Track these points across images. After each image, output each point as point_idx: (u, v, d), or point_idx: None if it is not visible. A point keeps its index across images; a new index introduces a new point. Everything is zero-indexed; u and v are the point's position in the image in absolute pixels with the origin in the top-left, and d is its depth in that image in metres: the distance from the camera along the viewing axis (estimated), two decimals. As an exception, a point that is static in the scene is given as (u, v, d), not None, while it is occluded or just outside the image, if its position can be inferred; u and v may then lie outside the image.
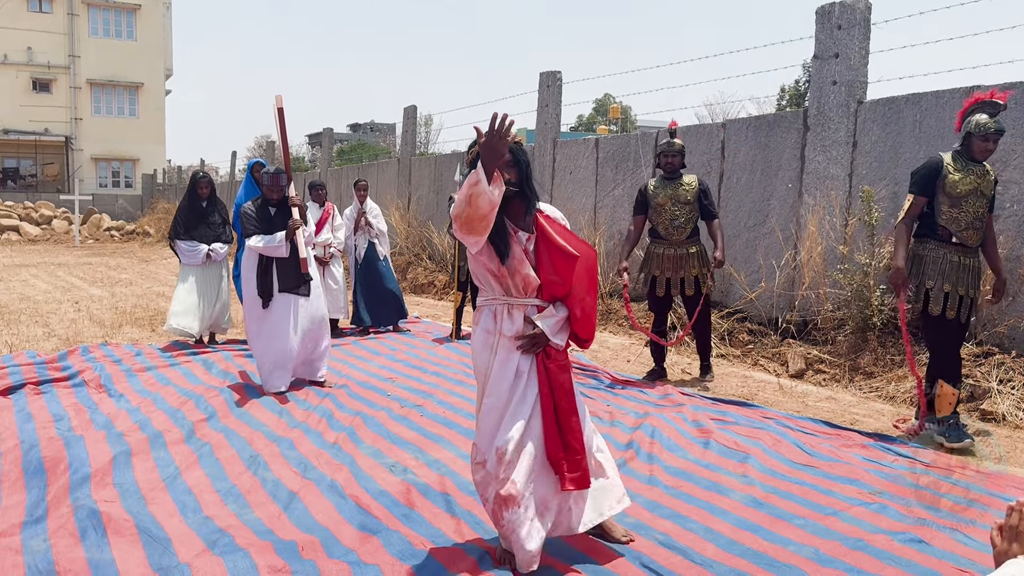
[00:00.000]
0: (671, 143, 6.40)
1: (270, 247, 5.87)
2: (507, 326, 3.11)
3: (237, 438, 4.86)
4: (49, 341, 8.09)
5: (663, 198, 6.40)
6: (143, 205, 35.38)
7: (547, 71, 11.37)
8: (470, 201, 2.83)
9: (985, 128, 4.66)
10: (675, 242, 6.43)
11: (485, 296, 3.20)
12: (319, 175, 20.06)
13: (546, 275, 3.08)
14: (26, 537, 3.36)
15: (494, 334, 3.13)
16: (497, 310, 3.14)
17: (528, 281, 3.08)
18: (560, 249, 3.06)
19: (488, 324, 3.16)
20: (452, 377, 6.56)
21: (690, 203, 6.36)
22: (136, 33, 36.89)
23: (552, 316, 3.12)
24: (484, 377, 3.14)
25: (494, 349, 3.12)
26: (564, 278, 3.08)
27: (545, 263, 3.08)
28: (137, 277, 15.36)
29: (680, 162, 6.41)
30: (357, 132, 65.70)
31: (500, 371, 3.08)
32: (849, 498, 3.90)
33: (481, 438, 3.10)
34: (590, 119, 52.11)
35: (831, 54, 7.40)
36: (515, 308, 3.12)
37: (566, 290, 3.10)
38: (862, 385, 6.31)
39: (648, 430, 4.94)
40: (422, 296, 12.70)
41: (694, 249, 6.43)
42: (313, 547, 3.30)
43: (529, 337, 3.09)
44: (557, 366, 3.11)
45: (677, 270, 6.42)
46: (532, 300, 3.12)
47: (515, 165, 3.06)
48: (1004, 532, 1.67)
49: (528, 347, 3.09)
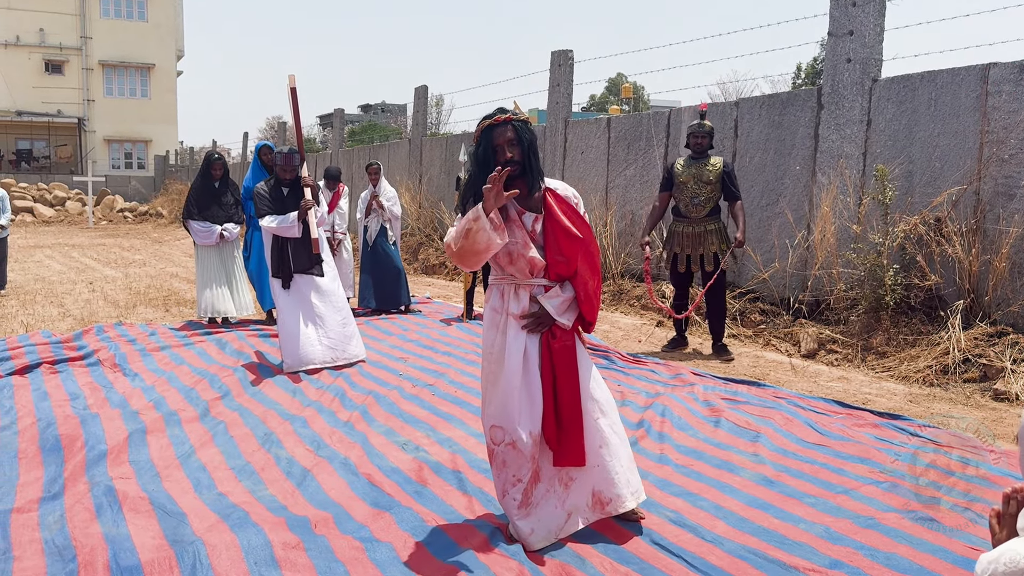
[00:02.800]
0: (701, 124, 6.64)
1: (283, 227, 5.89)
2: (513, 305, 3.14)
3: (251, 416, 4.90)
4: (64, 321, 8.15)
5: (686, 176, 6.66)
6: (156, 186, 35.54)
7: (559, 50, 11.29)
8: (467, 235, 2.89)
9: None
10: (694, 219, 6.66)
11: (495, 275, 3.22)
12: (331, 156, 20.05)
13: (552, 255, 3.09)
14: (43, 513, 3.41)
15: (501, 313, 3.16)
16: (504, 289, 3.17)
17: (533, 263, 3.10)
18: (565, 230, 3.07)
19: (496, 303, 3.19)
20: (463, 357, 6.58)
21: (712, 183, 6.59)
22: (148, 14, 36.91)
23: (558, 296, 3.13)
24: (491, 355, 3.17)
25: (501, 328, 3.15)
26: (569, 258, 3.09)
27: (551, 244, 3.09)
28: (150, 258, 15.45)
29: (708, 143, 6.66)
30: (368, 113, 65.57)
31: (509, 350, 3.10)
32: (860, 477, 3.90)
33: (503, 418, 3.09)
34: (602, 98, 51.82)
35: (846, 31, 7.32)
36: (521, 288, 3.14)
37: (571, 270, 3.12)
38: (874, 365, 6.29)
39: (659, 409, 4.95)
40: (433, 277, 12.72)
41: (713, 226, 6.64)
42: (326, 523, 3.33)
43: (533, 316, 3.11)
44: (561, 346, 3.12)
45: (696, 247, 6.65)
46: (539, 280, 3.14)
47: (518, 143, 3.06)
48: (1001, 519, 1.66)
49: (533, 326, 3.11)
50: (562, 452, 3.13)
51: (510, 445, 3.08)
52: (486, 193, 2.90)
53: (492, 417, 3.13)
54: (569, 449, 3.13)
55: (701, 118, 6.74)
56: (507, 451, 3.09)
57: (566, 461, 3.14)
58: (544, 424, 3.11)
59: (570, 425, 3.12)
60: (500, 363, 3.13)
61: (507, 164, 3.01)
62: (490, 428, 3.14)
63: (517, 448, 3.07)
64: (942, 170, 6.66)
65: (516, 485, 3.10)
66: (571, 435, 3.12)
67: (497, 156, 3.04)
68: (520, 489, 3.10)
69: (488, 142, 3.06)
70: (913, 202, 6.80)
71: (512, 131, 3.04)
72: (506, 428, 3.09)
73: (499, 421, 3.10)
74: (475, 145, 3.11)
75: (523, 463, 3.08)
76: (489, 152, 3.05)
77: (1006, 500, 1.65)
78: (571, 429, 3.12)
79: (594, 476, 3.20)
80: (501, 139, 3.04)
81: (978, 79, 6.39)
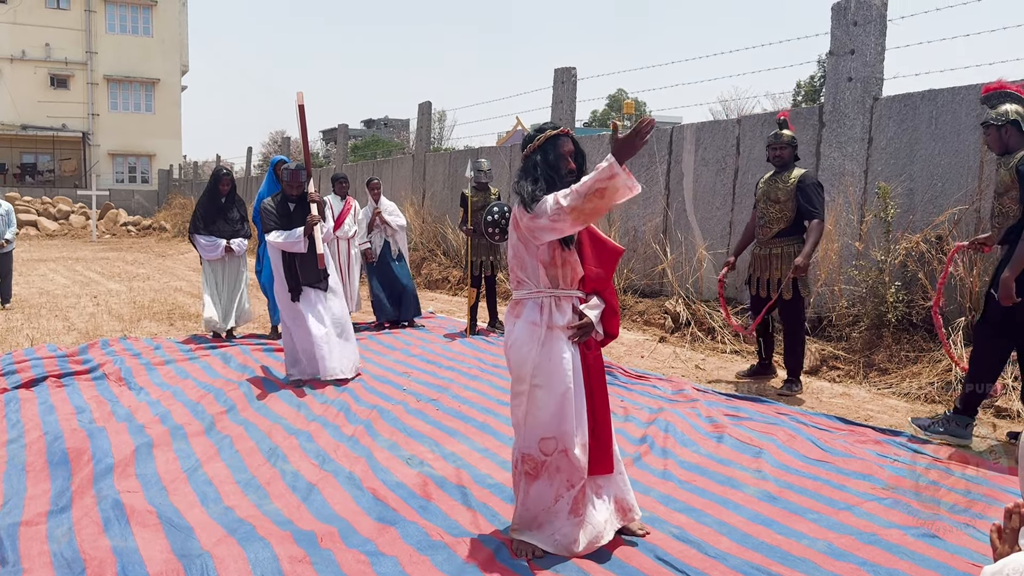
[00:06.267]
0: (778, 134, 5.98)
1: (289, 242, 5.94)
2: (558, 317, 3.19)
3: (256, 431, 4.93)
4: (69, 335, 8.19)
5: (760, 194, 6.10)
6: (159, 200, 35.66)
7: (562, 67, 11.37)
8: (603, 194, 2.91)
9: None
10: (761, 241, 6.10)
11: (527, 289, 3.22)
12: (334, 171, 20.13)
13: (590, 267, 3.18)
14: (52, 526, 3.44)
15: (540, 326, 3.17)
16: (544, 302, 3.20)
17: (576, 272, 3.20)
18: (604, 242, 3.22)
19: (534, 316, 3.19)
20: (467, 372, 6.60)
21: (780, 201, 5.91)
22: (153, 29, 37.13)
23: (597, 307, 3.24)
24: (530, 369, 3.16)
25: (541, 340, 3.16)
26: (608, 271, 3.22)
27: (590, 256, 3.19)
28: (154, 272, 15.49)
29: (790, 154, 5.98)
30: (371, 128, 65.79)
31: (554, 362, 3.14)
32: (862, 493, 3.91)
33: (557, 429, 3.12)
34: (604, 115, 51.99)
35: (847, 50, 7.39)
36: (563, 300, 3.21)
37: (608, 283, 3.24)
38: (876, 381, 6.31)
39: (662, 425, 4.98)
40: (436, 292, 12.75)
41: (778, 251, 5.96)
42: (332, 537, 3.35)
43: (579, 326, 3.19)
44: (595, 356, 3.25)
45: (763, 271, 6.07)
46: (577, 292, 3.23)
47: (577, 156, 3.20)
48: (1003, 535, 1.68)
49: (578, 336, 3.19)
50: (595, 460, 3.22)
51: (563, 452, 3.13)
52: (624, 144, 2.89)
53: (541, 428, 3.14)
54: (601, 457, 3.23)
55: (780, 128, 6.00)
56: (560, 459, 3.14)
57: (599, 469, 3.23)
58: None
59: (603, 433, 3.23)
60: (550, 376, 3.13)
61: (569, 173, 3.15)
62: (539, 441, 3.15)
63: (570, 456, 3.13)
64: (943, 188, 6.71)
65: (570, 490, 3.16)
66: (604, 443, 3.24)
67: (564, 164, 3.17)
68: (572, 495, 3.16)
69: (556, 149, 3.17)
70: (915, 220, 6.84)
71: (572, 143, 3.20)
72: (558, 438, 3.13)
73: (551, 432, 3.13)
74: (538, 151, 3.18)
75: (575, 470, 3.14)
76: (560, 158, 3.17)
77: (1008, 515, 1.67)
78: (604, 437, 3.24)
79: (615, 484, 3.31)
80: (566, 148, 3.18)
81: (978, 98, 6.43)
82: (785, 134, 5.97)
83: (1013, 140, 4.55)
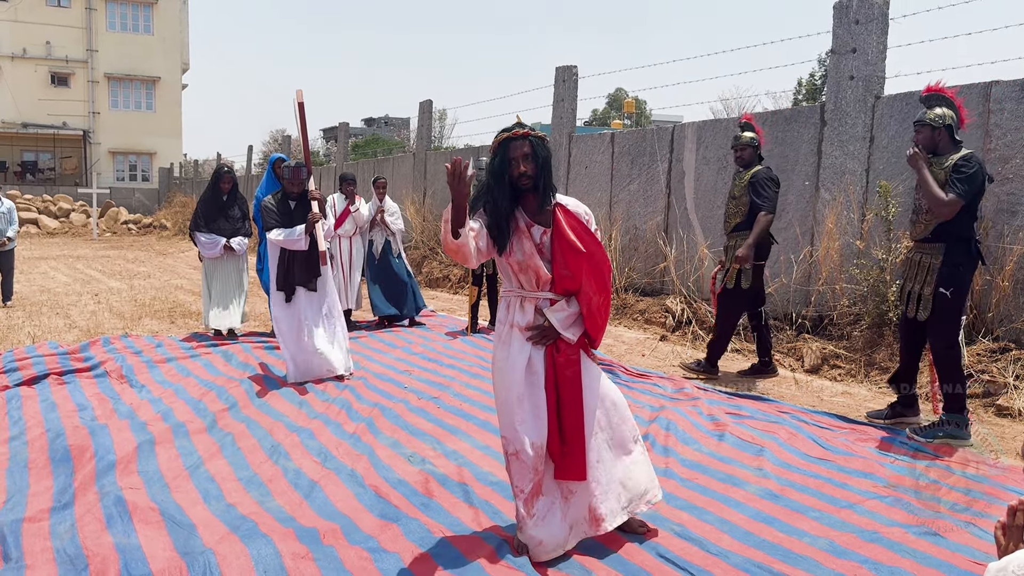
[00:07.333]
0: (738, 136, 6.30)
1: (290, 240, 5.93)
2: (519, 317, 3.18)
3: (258, 428, 4.93)
4: (70, 332, 8.20)
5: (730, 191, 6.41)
6: (160, 198, 35.64)
7: (563, 66, 11.38)
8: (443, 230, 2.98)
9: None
10: (726, 236, 6.43)
11: (505, 287, 3.28)
12: (335, 170, 20.14)
13: (558, 269, 3.13)
14: (54, 522, 3.45)
15: (505, 324, 3.21)
16: (511, 301, 3.22)
17: (539, 275, 3.14)
18: (571, 244, 3.11)
19: (502, 315, 3.24)
20: (468, 370, 6.61)
21: (737, 197, 6.26)
22: (153, 27, 37.11)
23: (563, 310, 3.16)
24: (496, 366, 3.22)
25: (503, 339, 3.20)
26: (574, 272, 3.12)
27: (558, 257, 3.13)
28: (155, 270, 15.50)
29: (751, 154, 6.23)
30: (371, 126, 65.75)
31: (512, 362, 3.15)
32: (864, 491, 3.92)
33: (507, 428, 3.15)
34: (604, 113, 51.96)
35: (848, 49, 7.39)
36: (527, 300, 3.19)
37: (577, 285, 3.14)
38: (877, 380, 6.31)
39: (663, 423, 4.98)
40: (437, 290, 12.76)
41: (732, 243, 6.30)
42: (334, 534, 3.36)
43: (538, 328, 3.15)
44: (565, 360, 3.16)
45: (725, 264, 6.36)
46: (545, 294, 3.18)
47: (533, 159, 3.10)
48: (1007, 531, 1.69)
49: (537, 338, 3.15)
50: (564, 465, 3.17)
51: (514, 455, 3.12)
52: (451, 187, 2.90)
53: (502, 425, 3.19)
54: (571, 463, 3.16)
55: (742, 130, 6.31)
56: (512, 461, 3.14)
57: (568, 475, 3.17)
58: (548, 437, 3.14)
59: (572, 439, 3.15)
60: (503, 374, 3.17)
61: (520, 177, 3.07)
62: (501, 437, 3.20)
63: (520, 459, 3.10)
64: (944, 187, 6.69)
65: (519, 495, 3.14)
66: (573, 449, 3.16)
67: (511, 169, 3.08)
68: (523, 499, 3.13)
69: (504, 154, 3.09)
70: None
71: (529, 146, 3.09)
72: (509, 438, 3.14)
73: (505, 431, 3.17)
74: (492, 156, 3.15)
75: (526, 473, 3.10)
76: (505, 164, 3.09)
77: (1012, 513, 1.68)
78: (573, 443, 3.15)
79: (590, 491, 3.21)
80: (517, 152, 3.08)
81: (980, 97, 6.44)
82: (744, 136, 6.25)
83: (943, 143, 4.72)
